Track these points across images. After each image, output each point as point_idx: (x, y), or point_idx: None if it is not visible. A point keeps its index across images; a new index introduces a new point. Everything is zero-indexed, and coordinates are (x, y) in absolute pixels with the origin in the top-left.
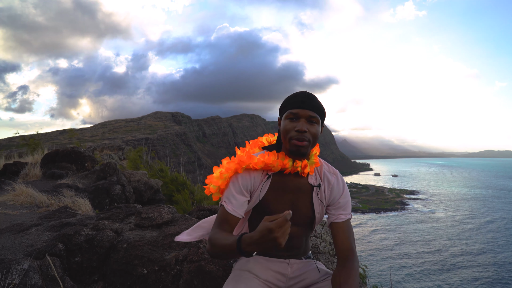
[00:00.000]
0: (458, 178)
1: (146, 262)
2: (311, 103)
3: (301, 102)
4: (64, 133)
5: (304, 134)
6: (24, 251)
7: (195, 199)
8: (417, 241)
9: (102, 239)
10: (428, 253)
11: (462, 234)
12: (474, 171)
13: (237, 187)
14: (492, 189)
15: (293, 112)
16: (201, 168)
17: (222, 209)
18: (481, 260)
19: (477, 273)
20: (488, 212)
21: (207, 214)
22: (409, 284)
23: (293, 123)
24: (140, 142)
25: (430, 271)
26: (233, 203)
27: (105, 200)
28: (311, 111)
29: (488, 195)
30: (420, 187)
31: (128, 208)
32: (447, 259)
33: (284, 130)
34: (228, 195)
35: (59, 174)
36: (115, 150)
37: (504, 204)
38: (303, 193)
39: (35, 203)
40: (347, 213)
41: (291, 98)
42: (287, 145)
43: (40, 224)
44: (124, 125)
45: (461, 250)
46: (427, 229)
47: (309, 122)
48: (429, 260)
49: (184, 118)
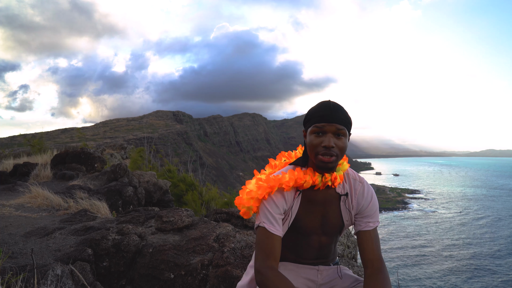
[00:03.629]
0: (459, 177)
1: (173, 267)
2: (338, 116)
3: (327, 116)
4: (66, 132)
5: (331, 150)
6: (53, 256)
7: (204, 199)
8: (418, 240)
9: (129, 243)
10: (433, 252)
11: (466, 233)
12: (475, 171)
13: (274, 206)
14: (493, 188)
15: (319, 126)
16: (203, 167)
17: (263, 231)
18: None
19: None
20: (490, 211)
21: (224, 217)
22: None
23: (319, 138)
24: (141, 141)
25: (436, 271)
26: (273, 224)
27: (118, 201)
28: (338, 124)
29: (489, 195)
30: (422, 186)
31: (147, 211)
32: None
33: (311, 146)
34: (267, 215)
35: (69, 175)
36: (117, 149)
37: (504, 203)
38: (332, 203)
39: (52, 205)
40: (375, 221)
41: (316, 111)
42: (314, 160)
43: (63, 227)
44: (125, 124)
45: (474, 252)
46: (429, 228)
47: (336, 136)
48: (435, 260)
49: (185, 117)
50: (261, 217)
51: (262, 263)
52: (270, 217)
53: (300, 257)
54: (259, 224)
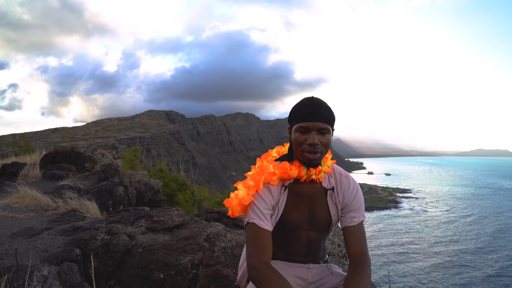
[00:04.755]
0: (449, 176)
1: (162, 267)
2: (321, 114)
3: (311, 115)
4: (56, 132)
5: (316, 147)
6: (40, 257)
7: (196, 199)
8: (408, 238)
9: (118, 243)
10: (419, 249)
11: (453, 230)
12: (464, 170)
13: (262, 202)
14: (481, 187)
15: (303, 126)
16: (196, 167)
17: (253, 227)
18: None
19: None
20: (477, 209)
21: (215, 216)
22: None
23: (304, 136)
24: (133, 141)
25: (424, 268)
26: (263, 219)
27: (108, 201)
28: (322, 123)
29: (477, 193)
30: (412, 185)
31: (137, 211)
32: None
33: (296, 143)
34: (256, 211)
35: (59, 175)
36: (109, 149)
37: (491, 201)
38: (318, 197)
39: (40, 205)
40: (361, 215)
41: (299, 108)
42: (299, 157)
43: (51, 228)
44: (117, 124)
45: (459, 250)
46: (418, 226)
47: (320, 134)
48: (422, 257)
49: (178, 116)
50: (250, 213)
51: (256, 259)
52: (259, 213)
53: (290, 254)
54: (248, 221)
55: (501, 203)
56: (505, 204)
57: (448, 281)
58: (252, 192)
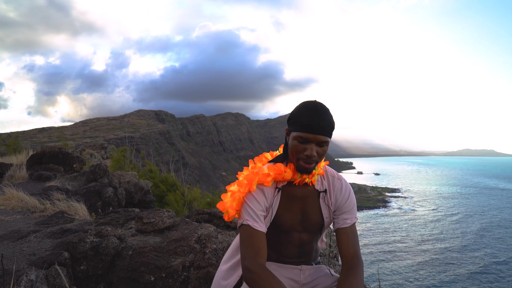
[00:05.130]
0: (436, 176)
1: (153, 269)
2: (323, 127)
3: (313, 127)
4: (43, 131)
5: (312, 158)
6: (27, 260)
7: (186, 200)
8: (396, 237)
9: (107, 246)
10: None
11: (439, 228)
12: (451, 169)
13: (255, 203)
14: (467, 186)
15: (303, 136)
16: (186, 167)
17: (248, 229)
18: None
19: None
20: (463, 208)
21: (206, 218)
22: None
23: (302, 145)
24: (122, 141)
25: (412, 265)
26: (257, 221)
27: (97, 203)
28: (323, 136)
29: (463, 192)
30: (401, 185)
31: (127, 213)
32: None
33: (293, 150)
34: (250, 213)
35: (46, 176)
36: (97, 149)
37: (476, 200)
38: (311, 199)
39: (27, 207)
40: (353, 217)
41: (302, 117)
42: (294, 163)
43: (38, 230)
44: (106, 123)
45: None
46: (405, 225)
47: (319, 145)
48: (410, 255)
49: (167, 116)
50: (244, 215)
51: (252, 261)
52: (253, 214)
53: (282, 256)
54: (242, 222)
55: (486, 202)
56: (490, 203)
57: (435, 278)
58: (245, 190)
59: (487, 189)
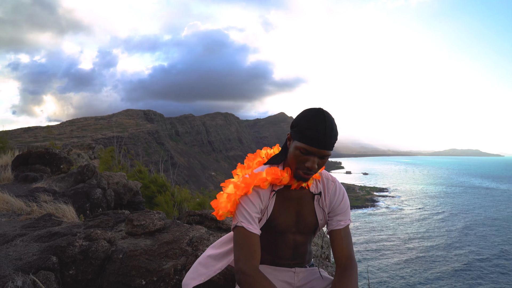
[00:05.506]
0: (422, 175)
1: (144, 273)
2: (329, 142)
3: (318, 142)
4: (29, 131)
5: (312, 170)
6: (13, 266)
7: (176, 200)
8: (383, 236)
9: (97, 250)
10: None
11: (425, 227)
12: (438, 169)
13: (251, 205)
14: (452, 186)
15: (307, 149)
16: (175, 167)
17: (242, 231)
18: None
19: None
20: (448, 206)
21: (197, 219)
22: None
23: (304, 157)
24: (111, 141)
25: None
26: (252, 223)
27: (86, 204)
28: (326, 151)
29: (448, 191)
30: (388, 184)
31: (116, 215)
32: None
33: (294, 159)
34: (244, 215)
35: (33, 177)
36: (85, 149)
37: (461, 199)
38: (306, 201)
39: (13, 210)
40: (347, 219)
41: (308, 128)
42: (293, 169)
43: (25, 234)
44: (93, 123)
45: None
46: (392, 223)
47: (321, 158)
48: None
49: (156, 116)
50: (238, 217)
51: (246, 264)
52: (247, 217)
53: (277, 257)
54: (236, 224)
55: (471, 201)
56: (474, 201)
57: (421, 276)
58: (241, 193)
59: (472, 188)
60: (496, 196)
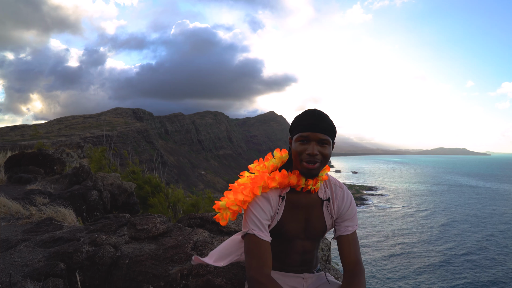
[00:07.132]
0: (410, 174)
1: (151, 278)
2: (322, 125)
3: (312, 125)
4: (16, 129)
5: (315, 157)
6: (20, 272)
7: (170, 201)
8: (368, 232)
9: (104, 255)
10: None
11: (410, 224)
12: (425, 168)
13: (261, 212)
14: (438, 184)
15: (304, 135)
16: (164, 166)
17: (253, 239)
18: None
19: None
20: (433, 204)
21: (198, 222)
22: None
23: (304, 146)
24: (99, 139)
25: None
26: (262, 230)
27: (82, 206)
28: (322, 134)
29: (434, 190)
30: (377, 183)
31: (118, 219)
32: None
33: (296, 153)
34: (255, 222)
35: (27, 179)
36: (73, 148)
37: (446, 196)
38: (315, 207)
39: (10, 213)
40: (354, 224)
41: (301, 119)
42: (299, 167)
43: (28, 239)
44: (81, 122)
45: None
46: (378, 220)
47: (320, 144)
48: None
49: (145, 114)
50: (249, 224)
51: (258, 272)
52: (258, 224)
53: (285, 264)
54: (247, 232)
55: (456, 199)
56: (458, 199)
57: (405, 271)
58: (248, 194)
59: (458, 186)
60: (481, 194)
